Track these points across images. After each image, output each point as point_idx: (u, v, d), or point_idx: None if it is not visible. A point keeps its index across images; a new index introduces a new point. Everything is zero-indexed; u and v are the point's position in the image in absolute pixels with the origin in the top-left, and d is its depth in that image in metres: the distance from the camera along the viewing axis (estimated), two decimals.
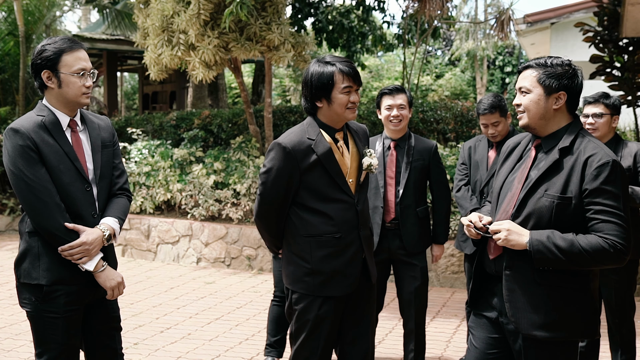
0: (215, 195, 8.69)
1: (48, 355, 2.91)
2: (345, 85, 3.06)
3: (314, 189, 3.10)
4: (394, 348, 5.22)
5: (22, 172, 2.81)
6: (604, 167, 2.52)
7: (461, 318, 6.10)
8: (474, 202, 4.66)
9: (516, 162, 2.85)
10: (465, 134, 9.49)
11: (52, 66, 2.89)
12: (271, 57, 8.32)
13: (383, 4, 12.35)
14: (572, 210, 2.58)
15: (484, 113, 4.53)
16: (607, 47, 8.20)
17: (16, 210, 11.03)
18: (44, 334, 2.91)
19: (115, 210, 3.07)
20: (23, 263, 2.92)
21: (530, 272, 2.63)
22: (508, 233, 2.60)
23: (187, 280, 7.63)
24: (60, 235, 2.83)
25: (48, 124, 2.89)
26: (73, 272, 2.91)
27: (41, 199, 2.81)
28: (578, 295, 2.63)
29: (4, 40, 12.70)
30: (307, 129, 3.15)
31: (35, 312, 2.90)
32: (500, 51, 25.89)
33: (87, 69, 2.95)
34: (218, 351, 5.18)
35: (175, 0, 8.11)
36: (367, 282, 3.28)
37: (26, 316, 2.97)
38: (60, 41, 2.93)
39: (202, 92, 14.27)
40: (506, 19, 9.84)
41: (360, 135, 3.31)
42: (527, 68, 2.73)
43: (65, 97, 2.93)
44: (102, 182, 3.04)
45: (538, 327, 2.62)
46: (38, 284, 2.87)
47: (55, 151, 2.87)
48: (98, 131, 3.09)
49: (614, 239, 2.49)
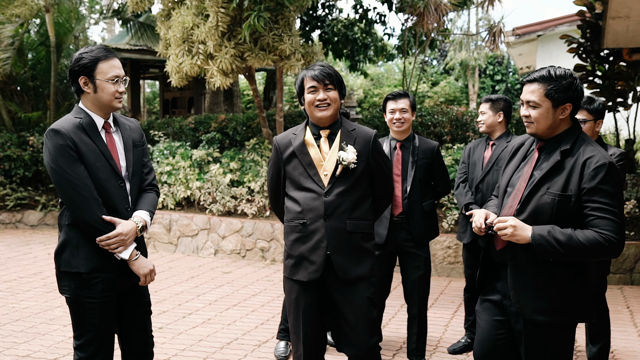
0: (232, 192, 8.71)
1: (85, 338, 2.93)
2: (309, 85, 3.14)
3: (291, 178, 3.20)
4: (397, 332, 5.23)
5: (63, 170, 2.82)
6: (601, 168, 2.56)
7: (458, 304, 6.11)
8: (468, 197, 4.73)
9: (520, 162, 2.88)
10: (460, 136, 9.51)
11: (89, 73, 2.92)
12: (283, 65, 8.34)
13: (384, 17, 12.36)
14: (571, 207, 2.61)
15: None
16: (589, 57, 8.22)
17: (48, 206, 11.06)
18: (82, 318, 2.93)
19: (146, 204, 3.10)
20: (63, 253, 2.94)
21: (532, 263, 2.67)
22: (514, 229, 2.63)
23: (206, 270, 7.65)
24: (98, 227, 2.86)
25: (85, 125, 2.92)
26: (109, 260, 2.93)
27: (81, 194, 2.83)
28: (576, 283, 2.67)
29: (36, 50, 12.72)
30: (297, 127, 3.31)
31: (75, 298, 2.92)
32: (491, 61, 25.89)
33: (120, 76, 2.97)
34: (236, 334, 5.20)
35: (195, 14, 8.14)
36: (337, 278, 3.09)
37: (65, 302, 2.99)
38: (97, 50, 2.96)
39: (218, 97, 14.29)
40: (497, 32, 9.83)
41: (359, 137, 3.19)
42: (532, 82, 2.71)
43: (100, 101, 2.96)
44: (133, 178, 3.07)
45: (540, 312, 2.66)
46: (78, 272, 2.89)
47: (92, 150, 2.90)
48: (129, 132, 3.11)
49: (609, 234, 2.53)
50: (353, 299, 3.11)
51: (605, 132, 11.56)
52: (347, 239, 3.11)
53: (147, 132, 10.90)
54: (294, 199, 3.17)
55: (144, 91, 21.11)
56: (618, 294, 6.48)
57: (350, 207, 3.12)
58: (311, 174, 3.13)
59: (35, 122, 11.88)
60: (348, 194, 3.12)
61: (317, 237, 3.10)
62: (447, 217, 7.56)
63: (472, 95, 23.41)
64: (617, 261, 6.85)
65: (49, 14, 11.42)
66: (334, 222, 3.09)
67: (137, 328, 3.13)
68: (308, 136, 3.20)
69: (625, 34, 6.73)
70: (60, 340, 4.99)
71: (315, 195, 3.11)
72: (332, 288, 3.14)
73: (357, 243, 3.13)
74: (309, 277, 3.11)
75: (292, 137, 3.23)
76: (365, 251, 3.17)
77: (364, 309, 3.12)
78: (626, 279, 6.89)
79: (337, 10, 12.53)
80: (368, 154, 3.18)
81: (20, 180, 11.14)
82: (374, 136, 3.23)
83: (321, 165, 3.13)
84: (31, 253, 8.63)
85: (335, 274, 3.10)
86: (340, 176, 3.11)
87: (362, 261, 3.15)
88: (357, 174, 3.13)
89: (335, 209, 3.09)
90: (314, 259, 3.10)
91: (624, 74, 8.04)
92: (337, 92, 3.16)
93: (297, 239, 3.15)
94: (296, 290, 3.16)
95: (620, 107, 8.27)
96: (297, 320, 3.16)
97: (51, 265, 7.78)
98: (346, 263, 3.10)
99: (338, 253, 3.09)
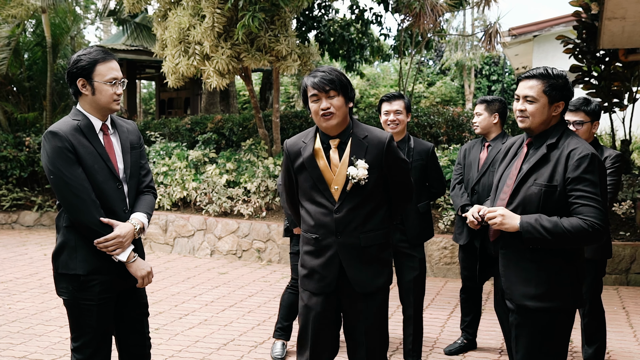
0: (228, 193, 8.70)
1: (83, 340, 2.93)
2: (311, 94, 2.96)
3: (303, 189, 3.09)
4: (393, 332, 5.23)
5: (61, 172, 2.82)
6: (584, 159, 2.70)
7: (454, 305, 6.12)
8: (464, 198, 4.71)
9: (511, 159, 3.03)
10: (456, 137, 9.52)
11: (87, 75, 2.90)
12: (279, 66, 8.34)
13: (380, 18, 12.35)
14: (557, 197, 2.75)
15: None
16: (585, 58, 8.23)
17: (44, 206, 11.04)
18: (79, 320, 2.93)
19: (143, 206, 3.09)
20: (61, 255, 2.93)
21: (522, 251, 2.80)
22: (502, 218, 2.78)
23: (202, 271, 7.64)
24: (96, 229, 2.85)
25: (83, 127, 2.91)
26: (107, 263, 2.93)
27: (79, 196, 2.82)
28: (564, 270, 2.79)
29: (32, 51, 12.68)
30: (308, 132, 3.14)
31: (72, 299, 2.92)
32: (487, 61, 25.93)
33: (118, 78, 2.96)
34: (232, 335, 5.20)
35: (191, 14, 8.13)
36: (354, 290, 3.01)
37: (63, 304, 2.98)
38: (95, 52, 2.94)
39: (214, 98, 14.28)
40: (494, 32, 9.85)
41: (371, 145, 3.00)
42: (531, 78, 2.86)
43: (98, 104, 2.94)
44: (131, 180, 3.06)
45: (529, 297, 2.79)
46: (75, 274, 2.89)
47: (90, 152, 2.89)
48: (127, 134, 3.10)
49: (593, 220, 2.66)
50: (366, 310, 3.04)
51: (601, 133, 11.57)
52: (361, 253, 3.00)
53: (143, 132, 10.87)
54: (307, 211, 3.07)
55: (140, 92, 21.07)
56: (614, 295, 6.49)
57: (362, 222, 2.99)
58: (321, 188, 3.00)
59: (31, 122, 11.85)
60: (360, 208, 2.99)
61: (329, 253, 3.01)
62: (443, 217, 7.57)
63: (468, 96, 23.46)
64: (612, 262, 6.87)
65: (45, 15, 11.41)
66: (346, 239, 2.98)
67: (134, 330, 3.13)
68: (317, 146, 3.03)
69: (621, 34, 6.74)
70: (57, 341, 4.98)
71: (326, 210, 2.99)
72: (345, 299, 3.06)
73: (372, 256, 3.03)
74: (321, 290, 3.05)
75: (302, 145, 3.06)
76: (381, 262, 3.06)
77: (376, 320, 3.06)
78: (622, 280, 6.91)
79: (334, 10, 12.52)
80: (382, 161, 2.99)
81: (16, 181, 11.11)
82: (388, 140, 3.01)
83: (331, 180, 2.99)
84: (27, 254, 8.61)
85: (350, 286, 3.01)
86: (351, 191, 2.97)
87: (379, 273, 3.05)
88: (369, 188, 2.98)
89: (347, 225, 2.97)
90: (326, 274, 3.02)
91: (619, 75, 8.05)
92: (341, 98, 2.96)
93: (310, 252, 3.07)
94: (307, 298, 3.10)
95: (616, 108, 8.28)
96: (306, 327, 3.10)
97: (47, 266, 7.76)
98: (363, 277, 3.01)
99: (353, 268, 2.99)
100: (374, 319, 3.05)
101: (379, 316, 3.07)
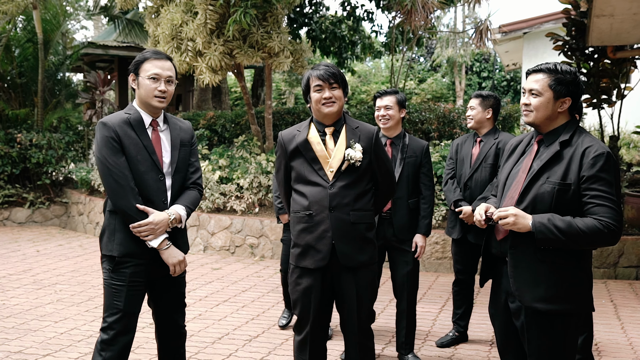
0: (221, 189, 8.73)
1: (111, 319, 3.08)
2: (315, 84, 3.25)
3: (297, 173, 3.31)
4: (386, 326, 5.29)
5: (106, 159, 3.02)
6: (600, 157, 2.62)
7: (445, 299, 6.19)
8: (457, 193, 4.75)
9: (520, 156, 2.95)
10: (447, 133, 9.59)
11: (135, 70, 3.16)
12: (272, 62, 8.37)
13: (372, 15, 12.41)
14: (570, 196, 2.67)
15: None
16: (574, 55, 8.30)
17: (35, 203, 11.01)
18: (109, 300, 3.09)
19: (185, 199, 3.24)
20: (104, 237, 3.13)
21: (532, 251, 2.71)
22: (515, 218, 2.68)
23: (195, 267, 7.67)
24: (132, 214, 3.03)
25: (132, 120, 3.11)
26: (141, 248, 3.09)
27: (119, 182, 3.02)
28: (575, 272, 2.71)
29: (23, 47, 12.62)
30: (302, 123, 3.42)
31: (108, 279, 3.09)
32: (477, 58, 26.03)
33: (162, 76, 3.13)
34: (227, 329, 5.24)
35: (183, 11, 8.14)
36: (341, 265, 3.23)
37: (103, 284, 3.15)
38: (150, 52, 3.17)
39: (206, 95, 14.28)
40: (484, 29, 9.91)
41: (362, 134, 3.33)
42: (538, 72, 2.81)
43: (141, 98, 3.16)
44: (176, 175, 3.21)
45: (539, 300, 2.70)
46: (112, 255, 3.08)
47: (135, 144, 3.08)
48: (179, 132, 3.27)
49: (608, 221, 2.58)
50: (353, 285, 3.25)
51: (590, 129, 11.68)
52: (350, 229, 3.24)
53: None
54: (301, 192, 3.30)
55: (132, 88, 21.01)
56: (602, 288, 6.58)
57: (353, 200, 3.25)
58: (316, 168, 3.26)
59: (22, 119, 11.80)
60: (351, 187, 3.25)
61: (322, 228, 3.22)
62: (434, 213, 7.63)
63: (459, 92, 23.56)
64: (601, 256, 6.96)
65: (36, 11, 11.36)
66: (339, 214, 3.21)
67: (172, 320, 3.31)
68: (313, 133, 3.31)
69: (609, 32, 6.81)
70: (52, 336, 5.00)
71: (320, 188, 3.24)
72: (335, 274, 3.27)
73: (360, 233, 3.26)
74: (315, 264, 3.23)
75: (296, 133, 3.35)
76: (367, 240, 3.30)
77: (362, 294, 3.26)
78: (610, 274, 7.01)
79: (325, 7, 12.56)
80: (371, 150, 3.30)
81: (7, 178, 11.08)
82: (376, 132, 3.36)
83: (327, 162, 3.25)
84: (20, 250, 8.61)
85: (339, 262, 3.22)
86: (345, 171, 3.25)
87: (364, 249, 3.28)
88: (361, 170, 3.27)
89: (340, 200, 3.22)
90: (320, 248, 3.22)
91: (608, 72, 8.13)
92: (341, 91, 3.29)
93: (304, 229, 3.27)
94: (303, 277, 3.29)
95: (605, 104, 8.37)
96: (305, 306, 3.29)
97: (41, 263, 7.78)
98: (349, 251, 3.23)
99: (342, 242, 3.22)
100: (359, 293, 3.26)
101: (364, 291, 3.28)
